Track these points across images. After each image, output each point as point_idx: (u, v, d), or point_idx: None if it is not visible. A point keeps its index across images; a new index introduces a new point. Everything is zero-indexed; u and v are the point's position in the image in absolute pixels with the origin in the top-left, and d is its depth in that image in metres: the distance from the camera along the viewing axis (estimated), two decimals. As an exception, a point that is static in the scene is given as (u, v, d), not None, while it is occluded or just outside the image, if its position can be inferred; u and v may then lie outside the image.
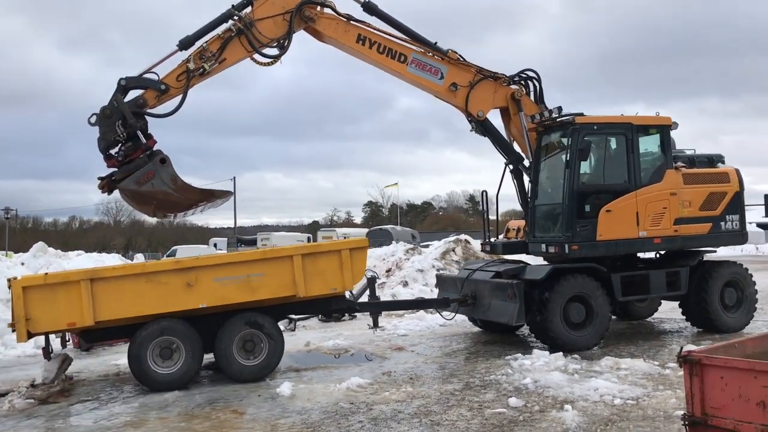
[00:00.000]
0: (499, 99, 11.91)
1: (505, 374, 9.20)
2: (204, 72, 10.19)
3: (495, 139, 12.12)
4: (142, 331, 9.22)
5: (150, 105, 10.02)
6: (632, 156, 11.24)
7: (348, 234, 47.95)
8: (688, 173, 11.67)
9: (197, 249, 49.52)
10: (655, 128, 11.59)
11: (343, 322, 15.14)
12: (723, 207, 11.77)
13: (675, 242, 11.48)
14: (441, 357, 10.80)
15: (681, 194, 11.43)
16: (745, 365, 4.76)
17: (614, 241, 11.03)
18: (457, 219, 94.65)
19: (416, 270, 19.37)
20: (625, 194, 11.11)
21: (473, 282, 11.74)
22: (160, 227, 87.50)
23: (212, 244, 58.44)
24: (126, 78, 9.91)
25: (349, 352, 11.59)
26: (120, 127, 9.70)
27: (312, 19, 10.79)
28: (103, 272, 9.42)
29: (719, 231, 11.73)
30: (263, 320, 9.67)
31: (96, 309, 8.99)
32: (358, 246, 10.07)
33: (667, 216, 11.29)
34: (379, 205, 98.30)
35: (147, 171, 9.71)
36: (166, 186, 9.74)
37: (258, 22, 10.43)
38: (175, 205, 10.10)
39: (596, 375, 8.82)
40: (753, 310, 12.17)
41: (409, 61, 11.31)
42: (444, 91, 11.61)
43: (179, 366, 9.26)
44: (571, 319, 10.71)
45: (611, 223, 10.97)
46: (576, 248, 10.86)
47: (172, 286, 9.27)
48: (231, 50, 10.36)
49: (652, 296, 12.18)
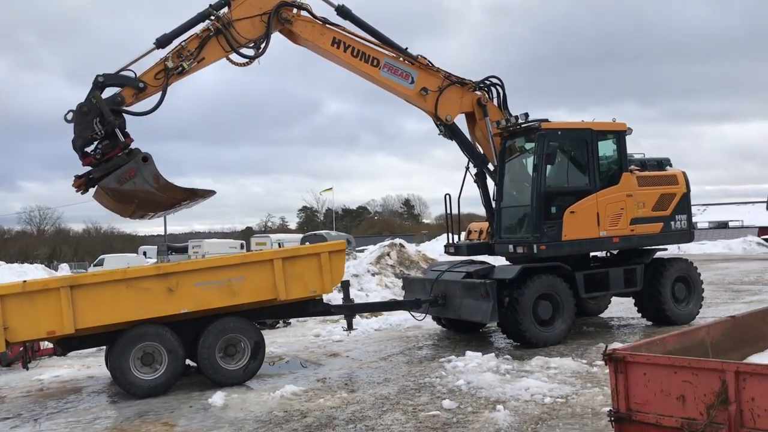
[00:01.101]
0: (465, 104, 12.26)
1: (439, 377, 9.27)
2: (183, 71, 10.13)
3: (461, 142, 12.44)
4: (124, 337, 9.09)
5: (127, 103, 9.89)
6: (592, 160, 11.74)
7: (282, 240, 47.47)
8: (641, 176, 12.28)
9: (125, 258, 48.10)
10: (612, 133, 12.15)
11: (278, 329, 14.97)
12: (673, 207, 12.44)
13: (632, 241, 12.09)
14: (376, 361, 10.81)
15: (636, 196, 12.01)
16: (666, 361, 4.93)
17: (578, 241, 11.52)
18: (392, 223, 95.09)
19: (351, 275, 19.34)
20: (587, 196, 11.59)
21: (443, 283, 11.94)
22: (86, 236, 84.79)
23: (141, 252, 56.91)
24: (104, 75, 9.74)
25: (284, 360, 11.47)
26: (98, 124, 9.55)
27: (289, 21, 10.90)
28: (83, 279, 9.28)
29: (670, 230, 12.41)
30: (244, 324, 9.70)
31: (76, 316, 8.82)
32: (336, 249, 10.20)
33: (624, 216, 11.85)
34: (314, 210, 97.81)
35: (129, 169, 9.54)
36: (148, 185, 9.58)
37: (236, 22, 10.45)
38: (156, 204, 9.95)
39: (527, 375, 8.99)
40: (700, 303, 12.93)
41: (382, 65, 11.54)
42: (415, 96, 11.86)
43: (162, 371, 9.21)
44: (540, 317, 11.11)
45: (575, 223, 11.45)
46: (544, 248, 11.29)
47: (153, 292, 9.19)
48: (209, 50, 10.36)
49: (611, 292, 12.71)
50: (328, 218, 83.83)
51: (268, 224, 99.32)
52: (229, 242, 53.33)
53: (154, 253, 55.91)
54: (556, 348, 10.93)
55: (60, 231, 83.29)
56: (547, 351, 10.62)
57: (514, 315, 10.95)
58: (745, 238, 40.88)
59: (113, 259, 46.93)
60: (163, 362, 9.23)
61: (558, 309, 11.29)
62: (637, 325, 13.03)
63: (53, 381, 10.73)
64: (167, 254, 50.11)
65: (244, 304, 9.72)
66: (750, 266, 26.28)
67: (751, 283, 20.03)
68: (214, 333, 9.49)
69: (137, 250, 59.59)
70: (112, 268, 29.58)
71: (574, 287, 11.53)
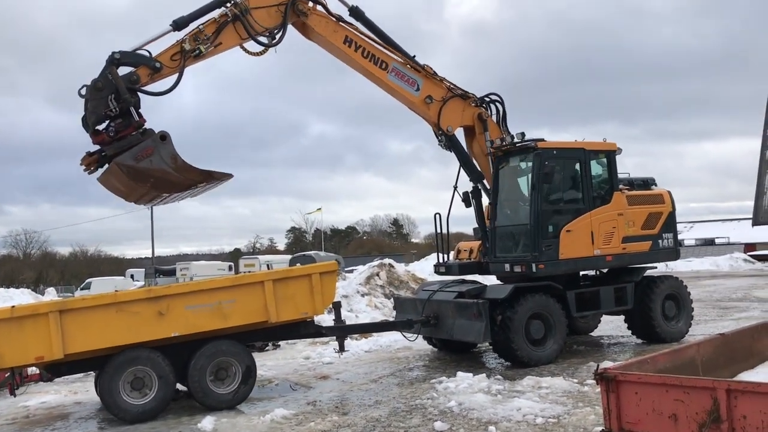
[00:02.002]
0: (466, 117, 12.34)
1: (430, 398, 9.22)
2: (199, 54, 10.05)
3: (460, 155, 12.46)
4: (114, 361, 8.98)
5: (142, 82, 9.65)
6: (586, 179, 11.84)
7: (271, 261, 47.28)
8: (631, 195, 12.42)
9: (113, 281, 47.80)
10: (604, 153, 12.25)
11: (267, 351, 14.86)
12: (660, 226, 12.56)
13: (623, 259, 12.18)
14: (366, 383, 10.74)
15: (626, 214, 12.13)
16: (657, 380, 4.94)
17: (574, 260, 11.57)
18: (381, 243, 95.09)
19: (341, 296, 19.26)
20: (582, 215, 11.67)
21: (435, 303, 11.92)
22: (72, 260, 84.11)
23: (129, 275, 56.57)
24: (120, 52, 9.51)
25: (273, 383, 11.37)
26: (113, 101, 9.28)
27: (305, 13, 10.96)
28: (72, 303, 9.18)
29: (658, 248, 12.51)
30: (235, 347, 9.62)
31: (65, 341, 8.71)
32: (327, 270, 10.15)
33: (616, 235, 11.94)
34: (302, 231, 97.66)
35: (146, 147, 9.19)
36: (165, 164, 9.19)
37: (254, 11, 10.44)
38: (172, 184, 9.54)
39: (518, 395, 8.96)
40: (690, 320, 12.99)
41: (390, 69, 11.64)
42: (419, 103, 11.95)
43: (152, 396, 9.09)
44: (532, 336, 11.10)
45: (571, 242, 11.51)
46: (542, 267, 11.30)
47: (144, 316, 9.10)
48: (226, 35, 10.30)
49: (602, 311, 12.74)
50: (317, 239, 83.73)
51: (256, 245, 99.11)
52: (218, 264, 53.18)
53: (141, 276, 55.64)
54: (547, 367, 10.90)
55: (46, 254, 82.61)
56: (539, 371, 10.60)
57: (506, 334, 10.92)
58: (731, 255, 41.16)
59: (100, 282, 46.70)
60: (153, 387, 9.12)
61: (550, 328, 11.28)
62: (628, 343, 13.05)
63: (39, 407, 10.58)
64: (155, 277, 49.84)
65: (235, 327, 9.64)
66: (737, 283, 26.44)
67: (739, 300, 20.14)
68: (206, 356, 9.40)
69: (125, 273, 59.25)
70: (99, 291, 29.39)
71: (566, 306, 11.53)
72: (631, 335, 13.02)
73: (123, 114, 9.43)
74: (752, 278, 29.06)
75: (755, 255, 43.06)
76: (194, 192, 10.19)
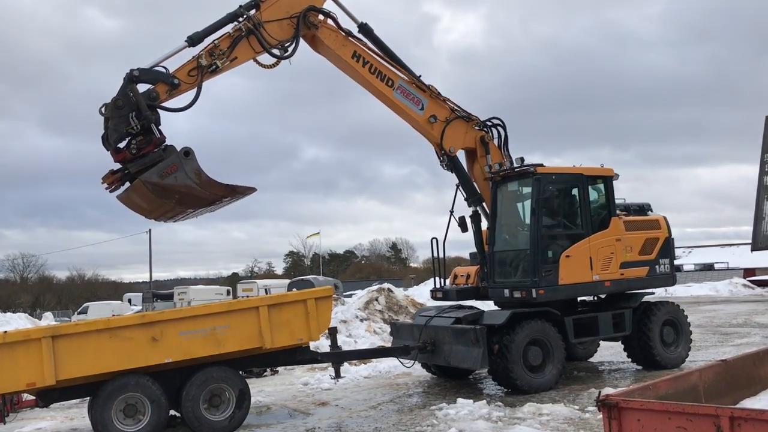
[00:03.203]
0: (469, 140, 12.45)
1: (430, 425, 9.13)
2: (216, 69, 10.19)
3: (461, 176, 12.55)
4: (106, 388, 8.90)
5: (161, 99, 9.74)
6: (584, 204, 11.87)
7: (269, 286, 47.12)
8: (628, 220, 12.42)
9: (110, 305, 47.58)
10: (601, 178, 12.26)
11: (265, 377, 14.75)
12: (656, 251, 12.49)
13: (622, 285, 12.15)
14: (366, 410, 10.64)
15: (624, 240, 12.11)
16: (659, 407, 4.90)
17: (573, 285, 11.55)
18: (379, 267, 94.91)
19: (339, 321, 19.17)
20: (581, 240, 11.65)
21: (432, 329, 11.86)
22: (70, 284, 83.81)
23: (126, 299, 56.34)
24: (138, 69, 9.58)
25: (272, 409, 11.26)
26: (134, 119, 9.34)
27: (315, 25, 11.17)
28: (65, 329, 9.11)
29: (654, 274, 12.46)
30: (226, 373, 9.54)
31: (58, 367, 8.64)
32: (323, 295, 10.10)
33: (614, 260, 11.91)
34: (300, 255, 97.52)
35: (171, 163, 9.25)
36: (190, 180, 9.25)
37: (266, 24, 10.65)
38: (198, 200, 9.60)
39: (519, 422, 8.88)
40: (689, 346, 12.91)
41: (396, 87, 11.80)
42: (423, 122, 12.08)
43: (145, 424, 8.98)
44: (530, 362, 11.02)
45: (571, 267, 11.49)
46: (542, 292, 11.26)
47: (137, 341, 9.04)
48: (240, 49, 10.47)
49: (601, 337, 12.68)
50: (315, 263, 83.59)
51: (254, 270, 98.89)
52: (215, 288, 52.98)
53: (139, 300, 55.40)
54: (548, 394, 10.82)
55: (44, 278, 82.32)
56: (539, 397, 10.52)
57: (504, 362, 10.85)
58: (731, 280, 41.07)
59: (98, 306, 46.47)
60: (147, 413, 9.02)
61: (548, 354, 11.21)
62: (627, 369, 12.96)
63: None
64: (152, 301, 49.62)
65: (230, 353, 9.57)
66: (737, 308, 26.36)
67: (739, 326, 20.05)
68: (197, 385, 9.30)
69: (122, 297, 59.00)
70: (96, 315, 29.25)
71: (564, 332, 11.47)
72: (630, 361, 12.94)
73: (144, 131, 9.46)
74: (752, 303, 28.98)
75: (755, 280, 42.99)
76: (219, 206, 10.23)
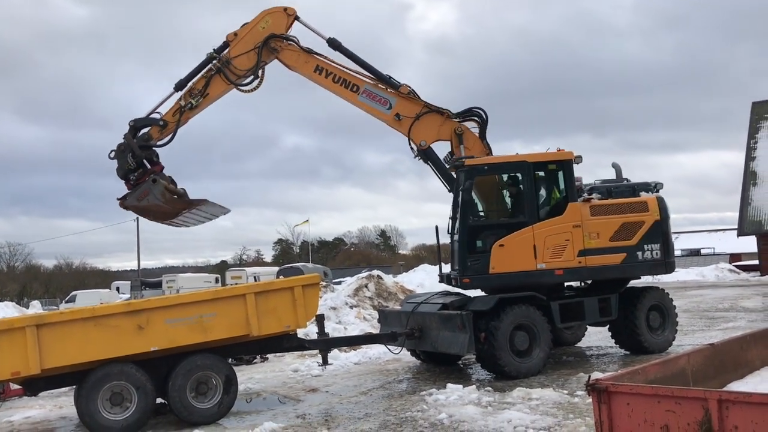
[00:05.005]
0: (444, 132, 12.64)
1: (420, 410, 9.17)
2: (192, 107, 12.11)
3: (436, 167, 12.80)
4: (92, 376, 8.83)
5: (155, 138, 12.07)
6: (529, 192, 11.73)
7: (258, 273, 47.04)
8: (596, 205, 11.91)
9: (98, 294, 47.40)
10: (555, 164, 11.97)
11: (255, 364, 14.75)
12: (640, 236, 11.87)
13: (580, 273, 11.88)
14: (356, 396, 10.67)
15: (587, 226, 11.69)
16: (649, 391, 4.93)
17: (508, 274, 11.48)
18: (369, 254, 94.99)
19: (329, 308, 19.18)
20: (521, 229, 11.57)
21: (419, 315, 11.90)
22: (57, 272, 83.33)
23: (114, 287, 56.09)
24: (134, 119, 12.03)
25: (261, 396, 11.27)
26: (130, 158, 11.79)
27: (276, 50, 12.39)
28: (50, 317, 9.04)
29: (636, 261, 11.85)
30: (211, 359, 9.50)
31: (42, 356, 8.58)
32: (310, 282, 10.08)
33: (570, 248, 11.61)
34: (289, 243, 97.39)
35: (143, 190, 11.81)
36: (157, 200, 11.74)
37: (234, 59, 12.24)
38: (166, 214, 12.21)
39: (509, 406, 8.93)
40: (675, 331, 12.88)
41: (361, 91, 12.51)
42: (390, 120, 12.59)
43: (132, 411, 8.94)
44: (517, 347, 11.03)
45: (505, 256, 11.47)
46: (468, 281, 11.59)
47: (123, 330, 8.99)
48: (213, 86, 12.25)
49: (587, 322, 12.68)
50: (304, 250, 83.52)
51: (243, 257, 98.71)
52: (204, 276, 52.90)
53: (127, 289, 55.18)
54: (537, 379, 10.88)
55: (31, 267, 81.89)
56: (528, 382, 10.58)
57: (491, 348, 10.85)
58: (717, 266, 41.39)
59: (86, 295, 46.31)
60: (133, 400, 8.97)
61: (535, 339, 11.20)
62: (615, 354, 13.06)
63: (24, 423, 10.42)
64: (141, 289, 49.46)
65: (216, 341, 9.52)
66: (723, 293, 26.59)
67: (726, 310, 20.24)
68: (182, 374, 9.25)
69: (110, 285, 58.71)
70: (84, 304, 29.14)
71: (550, 317, 11.47)
72: (618, 346, 13.01)
73: (140, 165, 11.91)
74: (738, 288, 29.24)
75: (740, 265, 43.38)
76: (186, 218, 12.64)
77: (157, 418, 9.70)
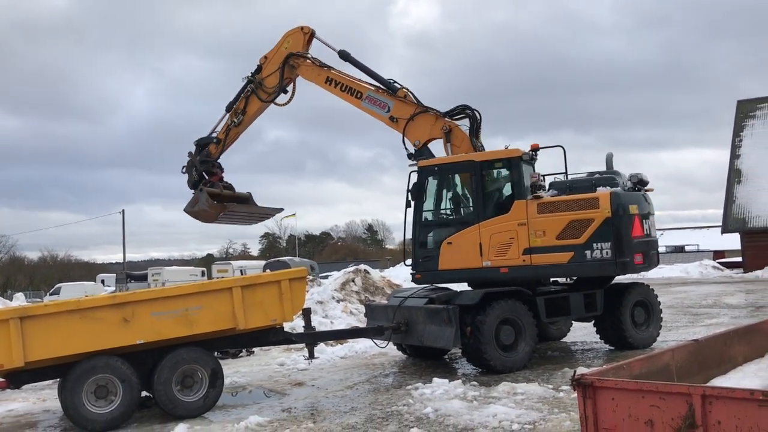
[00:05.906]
0: (435, 131, 12.92)
1: (406, 404, 9.19)
2: (236, 124, 14.49)
3: None
4: (76, 369, 8.76)
5: (213, 154, 14.71)
6: (478, 190, 11.87)
7: (245, 267, 46.91)
8: (543, 202, 11.41)
9: (83, 286, 47.11)
10: (501, 162, 11.93)
11: (240, 358, 14.71)
12: (588, 235, 11.12)
13: (526, 271, 11.54)
14: (342, 390, 10.68)
15: (533, 224, 11.37)
16: (633, 386, 4.96)
17: (456, 271, 11.78)
18: (355, 249, 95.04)
19: (316, 302, 19.15)
20: (468, 227, 11.75)
21: (405, 309, 11.92)
22: (42, 264, 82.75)
23: (100, 280, 55.79)
24: (197, 139, 14.75)
25: (247, 390, 11.25)
26: (194, 173, 14.58)
27: (294, 66, 14.12)
28: (34, 310, 8.92)
29: (584, 260, 11.16)
30: (196, 353, 9.46)
31: (26, 349, 8.48)
32: (297, 276, 10.06)
33: (515, 246, 11.47)
34: (276, 237, 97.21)
35: (195, 198, 14.45)
36: (204, 206, 14.27)
37: (265, 79, 14.24)
38: (210, 216, 14.68)
39: (494, 401, 8.97)
40: (659, 327, 13.01)
41: (364, 97, 13.49)
42: (387, 122, 13.33)
43: (117, 405, 8.87)
44: (503, 342, 11.08)
45: (452, 254, 11.78)
46: (419, 277, 12.16)
47: (108, 322, 8.90)
48: (251, 105, 14.47)
49: (572, 317, 12.75)
50: (291, 244, 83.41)
51: (229, 251, 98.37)
52: (190, 269, 52.68)
53: (112, 281, 54.91)
54: (522, 373, 10.94)
55: (15, 259, 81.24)
56: (514, 376, 10.63)
57: (476, 342, 10.90)
58: (701, 262, 41.78)
59: (70, 287, 45.99)
60: (118, 393, 8.91)
61: (520, 333, 11.26)
62: (600, 349, 13.14)
63: (6, 416, 10.35)
64: (126, 282, 49.20)
65: (202, 334, 9.49)
66: (707, 289, 26.84)
67: (709, 307, 20.42)
68: (168, 368, 9.20)
69: (95, 278, 58.37)
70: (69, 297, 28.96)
71: (536, 311, 11.53)
72: (603, 342, 13.09)
73: (202, 177, 14.62)
74: (722, 285, 29.52)
75: (724, 262, 43.83)
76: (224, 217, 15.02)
77: (143, 411, 9.65)
